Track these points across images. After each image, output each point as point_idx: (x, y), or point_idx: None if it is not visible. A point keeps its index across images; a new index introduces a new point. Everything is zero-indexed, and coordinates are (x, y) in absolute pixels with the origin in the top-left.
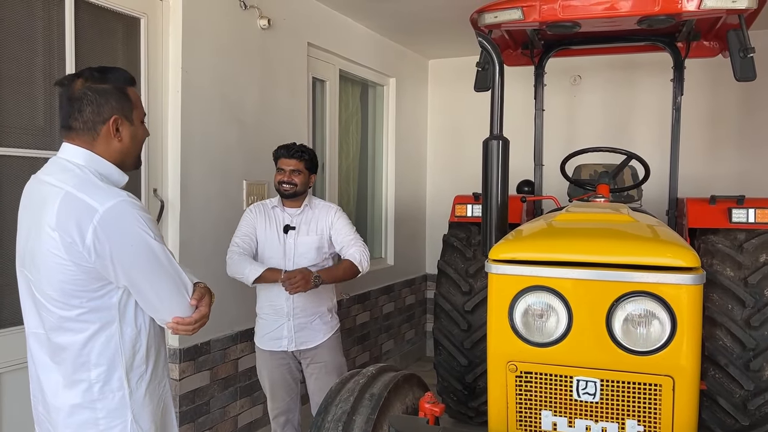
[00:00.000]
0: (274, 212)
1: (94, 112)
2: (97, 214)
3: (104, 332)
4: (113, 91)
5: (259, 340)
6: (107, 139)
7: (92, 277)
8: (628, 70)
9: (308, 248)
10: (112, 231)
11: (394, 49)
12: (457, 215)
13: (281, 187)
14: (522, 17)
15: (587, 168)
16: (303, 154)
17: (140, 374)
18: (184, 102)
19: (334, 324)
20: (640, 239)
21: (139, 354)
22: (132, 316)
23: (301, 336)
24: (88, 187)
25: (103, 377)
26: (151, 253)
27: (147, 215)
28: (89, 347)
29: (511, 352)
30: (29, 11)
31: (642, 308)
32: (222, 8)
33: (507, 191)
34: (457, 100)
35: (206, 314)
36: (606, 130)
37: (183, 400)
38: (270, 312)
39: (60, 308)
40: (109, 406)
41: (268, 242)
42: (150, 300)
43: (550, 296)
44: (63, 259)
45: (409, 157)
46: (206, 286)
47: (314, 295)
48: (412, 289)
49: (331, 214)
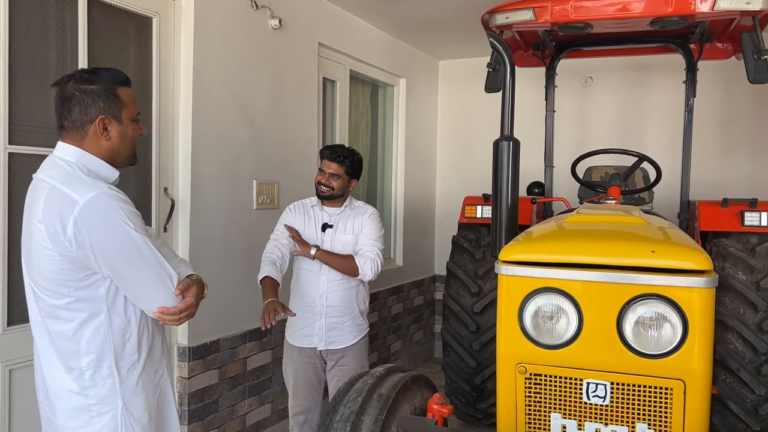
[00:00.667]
0: (313, 210)
1: (82, 112)
2: (78, 206)
3: (93, 321)
4: (101, 92)
5: (289, 335)
6: (95, 137)
7: (77, 267)
8: (640, 71)
9: (344, 247)
10: (92, 222)
11: (404, 50)
12: (466, 216)
13: (319, 188)
14: (533, 18)
15: (598, 170)
16: (345, 159)
17: (131, 363)
18: (196, 101)
19: (364, 327)
20: (651, 241)
21: (130, 343)
22: (121, 306)
23: (332, 335)
24: (72, 181)
25: (94, 365)
26: (131, 243)
27: (128, 207)
28: (79, 335)
29: (520, 353)
30: (43, 10)
31: (653, 311)
32: (233, 8)
33: (517, 192)
34: (467, 100)
35: (192, 304)
36: (617, 132)
37: (191, 398)
38: (302, 309)
39: (51, 297)
40: (99, 393)
41: (306, 239)
42: (133, 289)
43: (560, 298)
44: (49, 249)
45: (418, 158)
46: (199, 279)
47: (348, 295)
48: (421, 290)
49: (366, 215)
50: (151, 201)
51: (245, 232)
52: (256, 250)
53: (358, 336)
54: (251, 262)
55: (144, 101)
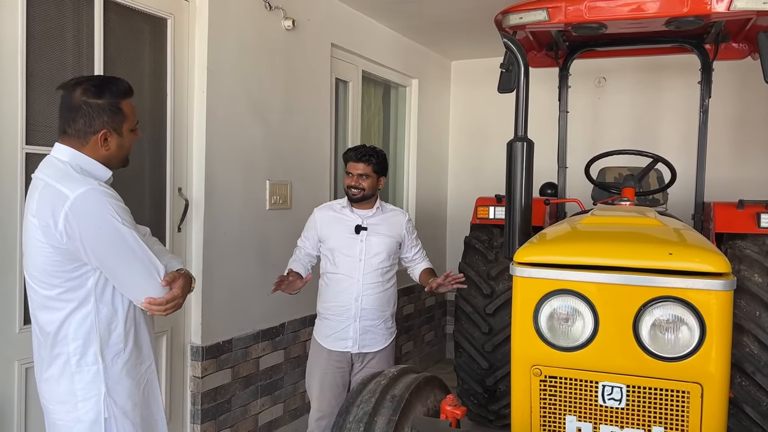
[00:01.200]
0: (343, 213)
1: (86, 124)
2: (68, 201)
3: (81, 310)
4: (107, 107)
5: (322, 339)
6: (95, 146)
7: (67, 259)
8: (655, 71)
9: (380, 249)
10: (81, 215)
11: (417, 50)
12: (479, 217)
13: (350, 192)
14: (547, 18)
15: (612, 171)
16: (371, 157)
17: (116, 352)
18: (209, 102)
19: (393, 330)
20: (668, 243)
21: (116, 333)
22: (109, 297)
23: (365, 339)
24: (64, 178)
25: (80, 351)
26: (119, 236)
27: (116, 202)
28: (68, 323)
29: (535, 356)
30: (59, 12)
31: (670, 313)
32: (247, 9)
33: (531, 193)
34: (479, 101)
35: (178, 295)
36: (631, 133)
37: (204, 397)
38: (336, 312)
39: (43, 288)
40: (84, 379)
41: (339, 244)
42: (121, 280)
43: (576, 300)
44: (42, 242)
45: (430, 159)
46: (186, 272)
47: (382, 298)
48: None
49: (404, 222)
50: (165, 201)
51: (258, 232)
52: (269, 250)
53: (389, 339)
54: (264, 262)
55: (158, 102)
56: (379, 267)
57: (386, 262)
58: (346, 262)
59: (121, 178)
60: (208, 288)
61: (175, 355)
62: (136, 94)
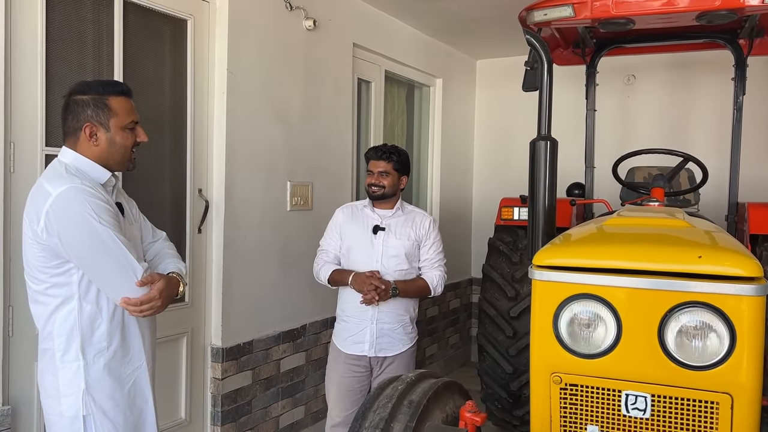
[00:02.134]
0: (363, 213)
1: (73, 119)
2: (50, 198)
3: (65, 306)
4: (90, 102)
5: (340, 342)
6: (86, 143)
7: (50, 255)
8: (686, 68)
9: (398, 251)
10: (60, 213)
11: (441, 50)
12: (503, 218)
13: (370, 189)
14: (573, 14)
15: (641, 171)
16: (392, 155)
17: (99, 350)
18: (230, 103)
19: (413, 335)
20: (696, 246)
21: (99, 331)
22: (94, 295)
23: (382, 342)
24: (53, 177)
25: (63, 347)
26: (95, 234)
27: (97, 201)
28: (53, 318)
29: (555, 362)
30: (79, 13)
31: (697, 320)
32: (268, 9)
33: (555, 194)
34: (506, 100)
35: (154, 297)
36: (662, 132)
37: (225, 399)
38: (354, 315)
39: (33, 282)
40: (67, 375)
41: (356, 243)
42: (97, 277)
43: (597, 305)
44: (29, 238)
45: (455, 159)
46: (173, 276)
47: (400, 302)
48: (457, 293)
49: (426, 224)
50: (185, 202)
51: (279, 233)
52: (290, 251)
53: (408, 344)
54: (285, 263)
55: (178, 103)
56: (397, 269)
57: (405, 264)
58: (363, 263)
59: (140, 180)
60: (228, 289)
61: (195, 356)
62: (155, 96)
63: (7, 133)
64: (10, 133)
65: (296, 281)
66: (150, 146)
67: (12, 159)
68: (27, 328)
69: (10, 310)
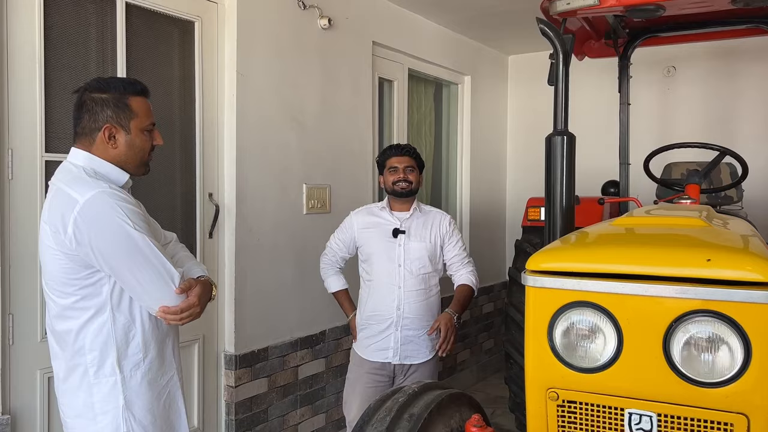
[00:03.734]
0: (381, 216)
1: (91, 120)
2: (78, 205)
3: (97, 319)
4: (110, 101)
5: (361, 349)
6: (103, 145)
7: (79, 265)
8: (730, 57)
9: (420, 254)
10: (90, 220)
11: (468, 46)
12: (530, 219)
13: (396, 187)
14: (597, 2)
15: (678, 166)
16: (413, 150)
17: (136, 362)
18: (240, 105)
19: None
20: (708, 247)
21: (134, 342)
22: (126, 305)
23: (407, 349)
24: (75, 182)
25: (97, 362)
26: (130, 241)
27: (128, 206)
28: (84, 333)
29: (551, 377)
30: (79, 17)
31: (708, 331)
32: (279, 9)
33: (573, 192)
34: (540, 97)
35: (194, 304)
36: (705, 125)
37: (239, 407)
38: (377, 320)
39: (59, 296)
40: (102, 391)
41: (377, 249)
42: (133, 288)
43: (596, 314)
44: (53, 249)
45: (486, 158)
46: (206, 280)
47: (425, 306)
48: (490, 296)
49: (445, 223)
50: (195, 207)
51: (295, 237)
52: (307, 256)
53: (433, 351)
54: (302, 267)
55: (187, 107)
56: (421, 272)
57: (428, 267)
58: (385, 268)
59: (150, 184)
60: (241, 295)
61: (207, 363)
62: (163, 100)
63: (4, 140)
64: (7, 140)
65: (315, 286)
66: (159, 151)
67: (10, 166)
68: (27, 336)
69: (10, 318)
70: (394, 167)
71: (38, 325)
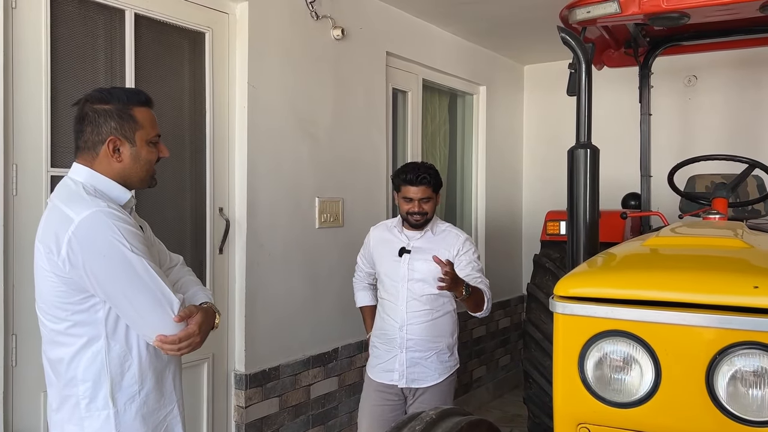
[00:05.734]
0: (392, 233)
1: (93, 132)
2: (73, 224)
3: (91, 347)
4: (114, 112)
5: (370, 370)
6: (107, 158)
7: (72, 289)
8: (756, 66)
9: (424, 276)
10: (85, 241)
11: (483, 55)
12: (549, 233)
13: (411, 218)
14: (619, 10)
15: (703, 179)
16: (429, 177)
17: (130, 395)
18: (251, 117)
19: (452, 364)
20: (753, 272)
21: (130, 373)
22: (122, 333)
23: (414, 372)
24: (72, 199)
25: (89, 394)
26: (127, 265)
27: (126, 226)
28: (76, 361)
29: (582, 412)
30: (86, 28)
31: (755, 364)
32: (291, 20)
33: (597, 207)
34: (557, 107)
35: (194, 333)
36: (728, 136)
37: (249, 428)
38: (383, 341)
39: (51, 321)
40: (94, 425)
41: (385, 266)
42: (129, 314)
43: (631, 344)
44: (46, 270)
45: (502, 170)
46: (209, 307)
47: (433, 328)
48: (507, 311)
49: (459, 244)
50: (205, 222)
51: (307, 252)
52: (319, 271)
53: (444, 374)
54: (315, 283)
55: (197, 119)
56: (425, 293)
57: (433, 290)
58: (391, 287)
59: (159, 200)
60: (252, 312)
61: (217, 383)
62: (173, 113)
63: (9, 154)
64: (12, 154)
65: (327, 301)
66: (168, 164)
67: (14, 181)
68: (31, 358)
69: (13, 338)
70: (409, 198)
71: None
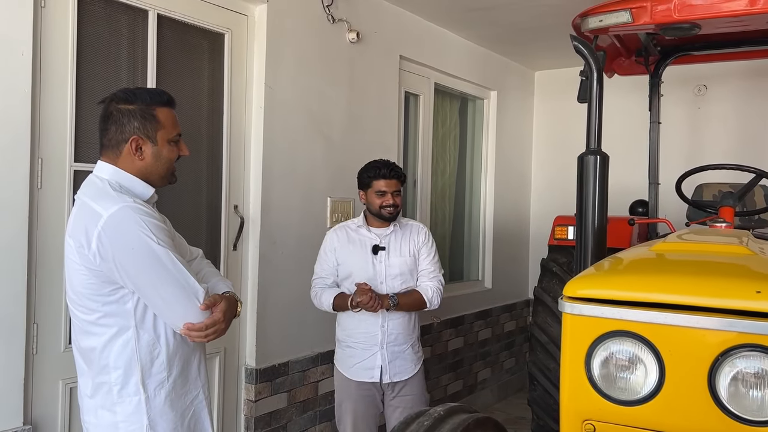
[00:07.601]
0: (358, 233)
1: (117, 131)
2: (102, 219)
3: (121, 336)
4: (137, 112)
5: (345, 369)
6: (129, 157)
7: (103, 281)
8: (763, 76)
9: (401, 269)
10: (114, 235)
11: (495, 61)
12: (556, 238)
13: (384, 212)
14: (631, 20)
15: (710, 188)
16: (400, 171)
17: (160, 381)
18: (267, 118)
19: (421, 354)
20: (756, 278)
21: (159, 360)
22: (150, 322)
23: (395, 366)
24: (99, 196)
25: (121, 380)
26: (154, 257)
27: (152, 220)
28: (108, 350)
29: (587, 409)
30: (111, 27)
31: (757, 366)
32: (308, 22)
33: (605, 213)
34: (566, 113)
35: (219, 320)
36: (737, 146)
37: (258, 422)
38: (361, 339)
39: (82, 312)
40: (126, 410)
41: (356, 266)
42: (157, 304)
43: (637, 344)
44: (77, 263)
45: (511, 174)
46: (231, 296)
47: (409, 321)
48: (512, 314)
49: (422, 235)
50: (220, 219)
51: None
52: None
53: (418, 364)
54: None
55: (215, 118)
56: (403, 287)
57: (410, 281)
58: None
59: (176, 196)
60: (263, 308)
61: (228, 377)
62: (192, 111)
63: (35, 149)
64: (38, 149)
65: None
66: (186, 162)
67: (39, 175)
68: (51, 347)
69: (34, 327)
70: (382, 191)
71: (62, 335)
